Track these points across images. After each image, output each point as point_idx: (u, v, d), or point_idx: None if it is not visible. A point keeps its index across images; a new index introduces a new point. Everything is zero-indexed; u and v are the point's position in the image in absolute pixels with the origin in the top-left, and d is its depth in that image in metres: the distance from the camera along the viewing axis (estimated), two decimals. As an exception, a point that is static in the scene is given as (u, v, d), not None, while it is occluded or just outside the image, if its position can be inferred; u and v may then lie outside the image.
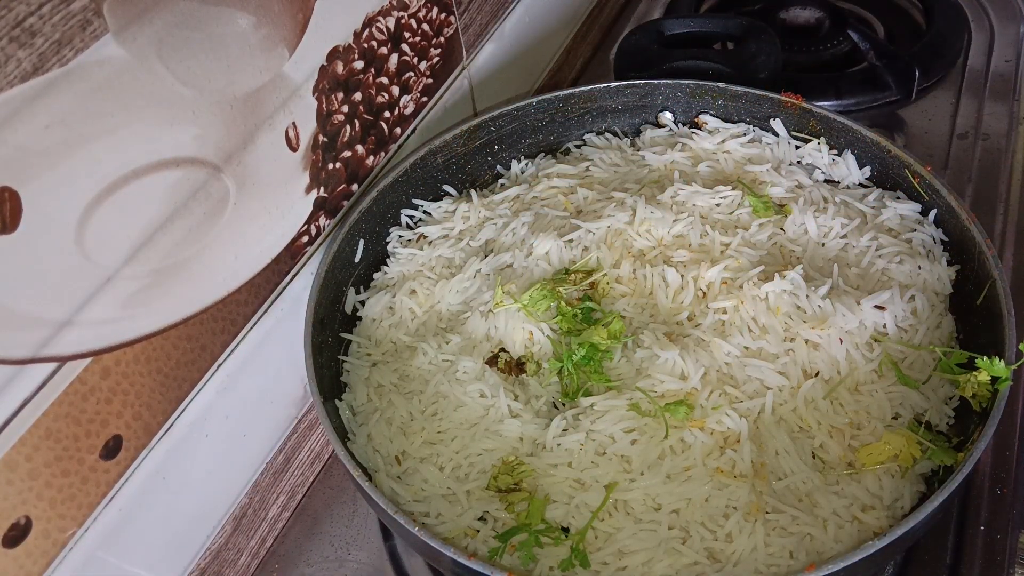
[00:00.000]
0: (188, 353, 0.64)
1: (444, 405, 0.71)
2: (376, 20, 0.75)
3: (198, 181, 0.61)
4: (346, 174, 0.77)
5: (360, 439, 0.72)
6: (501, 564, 0.62)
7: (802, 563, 0.61)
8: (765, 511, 0.63)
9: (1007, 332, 0.65)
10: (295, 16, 0.65)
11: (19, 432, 0.52)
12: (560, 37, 1.17)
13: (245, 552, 0.78)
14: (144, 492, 0.64)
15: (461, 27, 0.89)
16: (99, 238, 0.54)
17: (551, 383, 0.71)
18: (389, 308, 0.80)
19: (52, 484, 0.56)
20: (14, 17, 0.45)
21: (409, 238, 0.85)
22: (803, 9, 1.17)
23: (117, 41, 0.52)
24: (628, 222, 0.79)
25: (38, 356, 0.52)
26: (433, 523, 0.66)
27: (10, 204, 0.48)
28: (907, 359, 0.71)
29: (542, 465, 0.67)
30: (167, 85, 0.56)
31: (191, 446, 0.67)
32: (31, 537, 0.55)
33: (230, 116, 0.62)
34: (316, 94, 0.70)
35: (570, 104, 0.91)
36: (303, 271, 0.75)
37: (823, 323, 0.70)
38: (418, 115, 0.86)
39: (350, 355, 0.78)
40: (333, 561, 0.78)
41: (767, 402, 0.67)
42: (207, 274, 0.64)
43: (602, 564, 0.62)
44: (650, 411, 0.67)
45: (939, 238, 0.79)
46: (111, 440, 0.59)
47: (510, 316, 0.73)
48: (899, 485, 0.64)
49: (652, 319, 0.74)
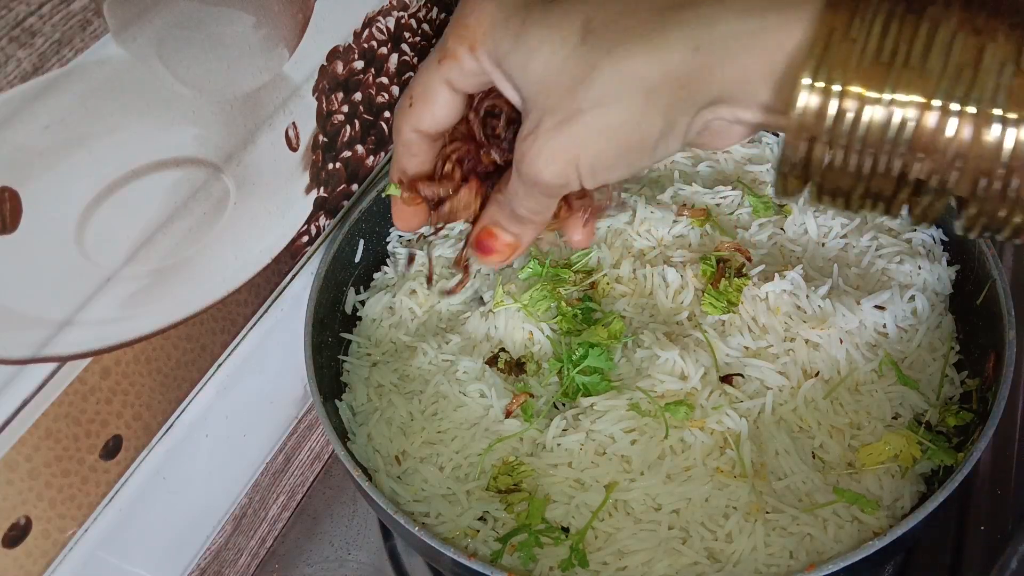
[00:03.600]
0: (188, 353, 0.64)
1: (444, 405, 0.71)
2: (376, 20, 0.75)
3: (198, 181, 0.61)
4: (346, 174, 0.77)
5: (360, 439, 0.72)
6: (501, 564, 0.62)
7: (802, 563, 0.61)
8: (765, 511, 0.63)
9: (1007, 332, 0.65)
10: (295, 16, 0.65)
11: (19, 432, 0.52)
12: (560, 37, 1.17)
13: (245, 552, 0.78)
14: (144, 492, 0.64)
15: (461, 27, 0.88)
16: (99, 238, 0.54)
17: (551, 383, 0.71)
18: (389, 308, 0.80)
19: (52, 484, 0.56)
20: (14, 17, 0.45)
21: (409, 238, 0.85)
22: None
23: (117, 41, 0.51)
24: (628, 222, 0.79)
25: (38, 356, 0.52)
26: (433, 523, 0.66)
27: (10, 204, 0.48)
28: (907, 359, 0.71)
29: (542, 465, 0.67)
30: (167, 85, 0.56)
31: (191, 446, 0.67)
32: (31, 537, 0.55)
33: (230, 116, 0.62)
34: (316, 94, 0.70)
35: (570, 104, 0.91)
36: (303, 271, 0.75)
37: (823, 323, 0.70)
38: (418, 115, 0.85)
39: (350, 355, 0.78)
40: (333, 561, 0.78)
41: (767, 402, 0.67)
42: (207, 274, 0.64)
43: (602, 564, 0.62)
44: (650, 411, 0.67)
45: (939, 238, 0.79)
46: (111, 440, 0.59)
47: (510, 316, 0.73)
48: (899, 485, 0.64)
49: (652, 319, 0.74)
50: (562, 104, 0.42)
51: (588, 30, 0.41)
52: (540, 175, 0.44)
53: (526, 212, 0.49)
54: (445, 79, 0.48)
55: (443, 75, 0.48)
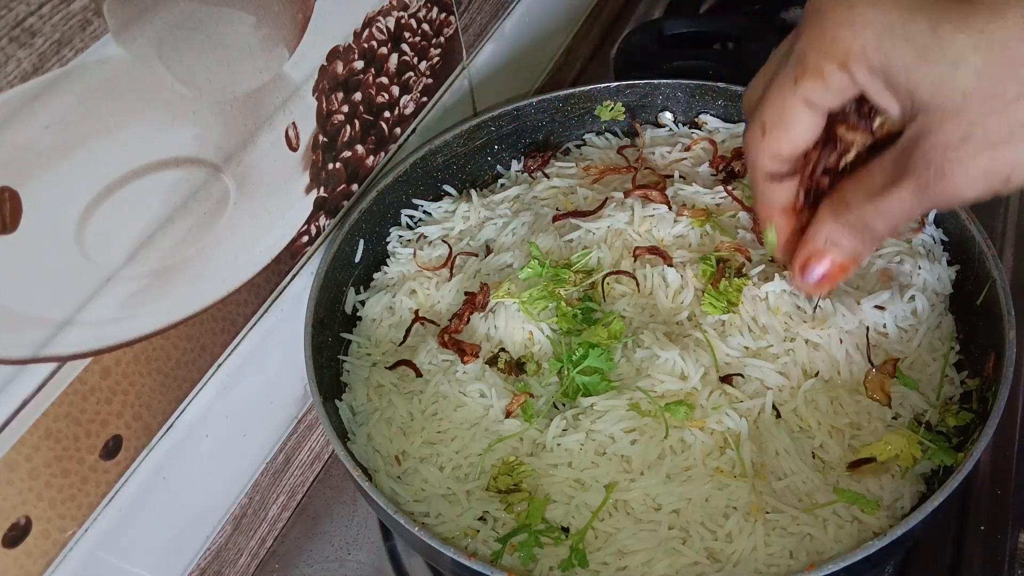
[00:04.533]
0: (188, 353, 0.64)
1: (444, 405, 0.71)
2: (376, 20, 0.75)
3: (198, 181, 0.61)
4: (346, 174, 0.77)
5: (360, 439, 0.72)
6: (501, 564, 0.62)
7: (802, 563, 0.61)
8: (765, 511, 0.63)
9: (1007, 332, 0.65)
10: (295, 16, 0.65)
11: (19, 432, 0.52)
12: (560, 37, 1.17)
13: (245, 552, 0.78)
14: (144, 492, 0.64)
15: (461, 27, 0.89)
16: (99, 238, 0.54)
17: (551, 383, 0.71)
18: (389, 308, 0.80)
19: (52, 484, 0.56)
20: (14, 17, 0.45)
21: (409, 238, 0.85)
22: (803, 9, 1.16)
23: (117, 41, 0.52)
24: (628, 222, 0.79)
25: (38, 356, 0.52)
26: (433, 523, 0.66)
27: (10, 204, 0.48)
28: (907, 359, 0.71)
29: (542, 465, 0.67)
30: (167, 85, 0.56)
31: (191, 446, 0.67)
32: (31, 537, 0.55)
33: (230, 116, 0.62)
34: (316, 94, 0.70)
35: (570, 104, 0.91)
36: (303, 271, 0.75)
37: (823, 323, 0.70)
38: (418, 115, 0.86)
39: (350, 355, 0.78)
40: (333, 561, 0.78)
41: (767, 402, 0.67)
42: (207, 274, 0.64)
43: (602, 564, 0.62)
44: (650, 411, 0.67)
45: (939, 238, 0.79)
46: (111, 440, 0.59)
47: (510, 316, 0.73)
48: (899, 485, 0.64)
49: (652, 319, 0.74)
50: (1004, 116, 0.39)
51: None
52: (961, 192, 0.41)
53: (889, 227, 0.46)
54: (804, 98, 0.45)
55: (802, 95, 0.45)
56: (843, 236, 0.48)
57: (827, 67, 0.43)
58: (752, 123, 0.47)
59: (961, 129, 0.40)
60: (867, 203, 0.46)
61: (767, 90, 0.47)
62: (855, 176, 0.47)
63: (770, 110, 0.47)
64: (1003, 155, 0.40)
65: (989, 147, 0.40)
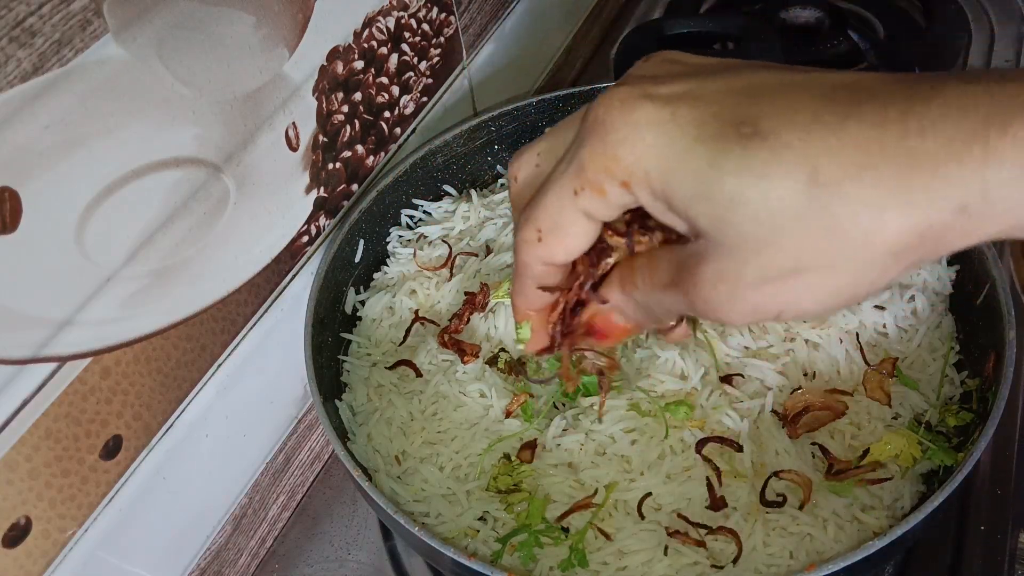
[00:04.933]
0: (188, 353, 0.64)
1: (444, 405, 0.71)
2: (376, 20, 0.75)
3: (198, 181, 0.61)
4: (346, 174, 0.77)
5: (360, 439, 0.72)
6: (501, 564, 0.62)
7: (802, 563, 0.61)
8: (765, 511, 0.63)
9: (1007, 332, 0.65)
10: (295, 16, 0.65)
11: (19, 432, 0.52)
12: (560, 37, 1.17)
13: (245, 552, 0.78)
14: (144, 492, 0.64)
15: (461, 27, 0.89)
16: (99, 238, 0.54)
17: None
18: (389, 308, 0.80)
19: (52, 484, 0.56)
20: (14, 17, 0.45)
21: (409, 238, 0.85)
22: (803, 9, 1.17)
23: (117, 41, 0.52)
24: (628, 222, 0.79)
25: (38, 356, 0.52)
26: (433, 523, 0.66)
27: (10, 204, 0.48)
28: (907, 359, 0.71)
29: (542, 465, 0.67)
30: (167, 85, 0.56)
31: (191, 446, 0.67)
32: (31, 537, 0.55)
33: (230, 116, 0.62)
34: (316, 94, 0.70)
35: (570, 104, 0.91)
36: (303, 271, 0.75)
37: (823, 323, 0.70)
38: (418, 115, 0.86)
39: (350, 355, 0.78)
40: (333, 561, 0.78)
41: (767, 402, 0.67)
42: (207, 274, 0.64)
43: (602, 564, 0.62)
44: (650, 411, 0.67)
45: (939, 238, 0.78)
46: (111, 440, 0.59)
47: (510, 316, 0.73)
48: (899, 485, 0.64)
49: (652, 319, 0.74)
50: (775, 260, 0.38)
51: (817, 183, 0.36)
52: (730, 321, 0.41)
53: (673, 317, 0.47)
54: (583, 210, 0.44)
55: (582, 207, 0.44)
56: (628, 307, 0.48)
57: (608, 185, 0.42)
58: (526, 225, 0.46)
59: (735, 266, 0.39)
60: (651, 291, 0.45)
61: (542, 193, 0.45)
62: (647, 257, 0.46)
63: (545, 217, 0.45)
64: (773, 294, 0.39)
65: (761, 285, 0.39)
